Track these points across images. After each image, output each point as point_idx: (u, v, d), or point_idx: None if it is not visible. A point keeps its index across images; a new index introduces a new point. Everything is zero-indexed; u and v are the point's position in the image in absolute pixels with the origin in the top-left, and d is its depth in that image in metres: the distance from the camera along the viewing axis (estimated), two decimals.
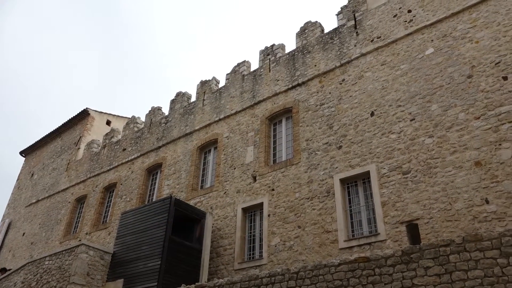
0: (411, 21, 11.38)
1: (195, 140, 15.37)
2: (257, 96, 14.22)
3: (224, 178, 13.36)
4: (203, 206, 13.20)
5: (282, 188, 11.58)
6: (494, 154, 8.38)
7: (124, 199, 16.45)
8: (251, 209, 12.21)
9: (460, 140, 8.97)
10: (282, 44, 14.96)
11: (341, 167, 10.67)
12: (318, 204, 10.57)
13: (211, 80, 16.74)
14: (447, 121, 9.36)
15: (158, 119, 17.87)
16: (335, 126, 11.42)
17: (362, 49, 12.04)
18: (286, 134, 12.95)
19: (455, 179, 8.66)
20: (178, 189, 14.62)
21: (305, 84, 13.01)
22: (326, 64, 12.76)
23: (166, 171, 15.60)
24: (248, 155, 13.14)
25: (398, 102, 10.45)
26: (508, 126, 8.45)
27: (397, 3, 11.99)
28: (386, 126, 10.36)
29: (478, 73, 9.42)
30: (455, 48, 10.09)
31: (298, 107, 12.71)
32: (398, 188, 9.39)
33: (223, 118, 14.89)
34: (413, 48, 10.94)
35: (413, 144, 9.65)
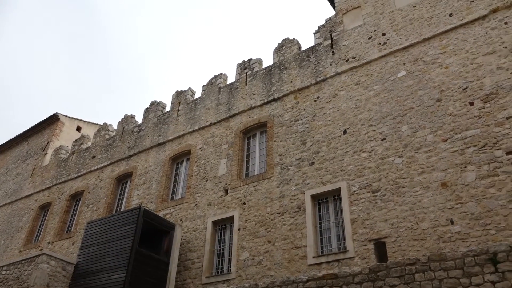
0: (385, 44, 11.74)
1: (168, 151, 15.18)
2: (233, 109, 14.24)
3: (195, 190, 13.21)
4: (172, 218, 12.97)
5: (254, 202, 11.54)
6: (459, 176, 8.66)
7: (91, 208, 15.97)
8: (221, 222, 12.10)
9: (428, 161, 9.23)
10: (260, 59, 15.11)
11: (313, 183, 10.75)
12: (289, 219, 10.58)
13: (187, 91, 16.66)
14: (416, 142, 9.63)
15: (131, 127, 17.57)
16: (308, 143, 11.54)
17: (337, 68, 12.31)
18: (259, 148, 12.98)
19: (422, 199, 8.88)
20: (148, 199, 14.33)
21: (281, 99, 13.13)
22: (302, 81, 12.95)
23: (136, 181, 15.29)
24: (221, 167, 13.07)
25: (370, 121, 10.69)
26: (473, 149, 8.77)
27: (372, 25, 12.37)
28: (358, 145, 10.55)
29: (446, 97, 9.77)
30: (426, 72, 10.46)
31: (273, 122, 12.80)
32: (368, 206, 9.53)
33: (198, 130, 14.79)
34: (386, 70, 11.27)
35: (383, 163, 9.86)
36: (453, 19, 10.79)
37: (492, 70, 9.43)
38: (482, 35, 10.07)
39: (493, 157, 8.46)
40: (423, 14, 11.46)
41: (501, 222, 7.76)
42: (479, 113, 9.10)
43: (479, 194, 8.25)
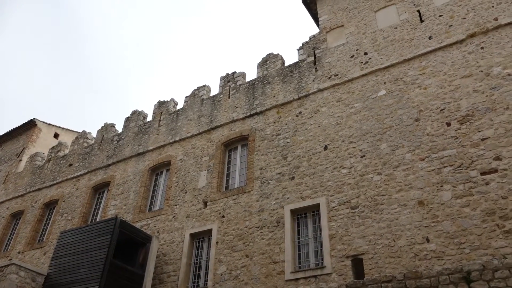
0: (366, 63, 11.99)
1: (147, 161, 14.99)
2: (215, 121, 14.22)
3: (174, 202, 13.04)
4: (149, 230, 12.75)
5: (233, 216, 11.46)
6: (436, 194, 8.82)
7: (65, 218, 15.56)
8: (199, 235, 11.95)
9: (405, 179, 9.38)
10: (243, 72, 15.21)
11: (293, 198, 10.77)
12: (267, 233, 10.54)
13: (169, 101, 16.57)
14: (395, 160, 9.79)
15: (111, 136, 17.31)
16: (289, 157, 11.59)
17: (320, 85, 12.48)
18: (240, 161, 12.95)
19: (399, 216, 8.98)
20: (125, 210, 14.06)
21: (263, 113, 13.20)
22: (285, 96, 13.07)
23: (113, 191, 15.00)
24: (200, 179, 12.97)
25: (351, 138, 10.82)
26: (449, 169, 8.97)
27: (355, 44, 12.63)
28: (338, 161, 10.65)
29: (424, 117, 10.01)
30: (405, 92, 10.71)
31: (255, 135, 12.82)
32: (346, 222, 9.58)
33: (179, 141, 14.69)
34: (367, 88, 11.49)
35: (362, 180, 9.97)
36: (432, 41, 11.13)
37: (469, 93, 9.73)
38: (460, 58, 10.40)
39: (468, 177, 8.66)
40: (403, 36, 11.78)
41: (475, 241, 7.91)
42: (455, 133, 9.34)
43: (455, 213, 8.41)
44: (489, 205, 8.13)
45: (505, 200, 8.02)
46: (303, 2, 15.04)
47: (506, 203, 7.98)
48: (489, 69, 9.78)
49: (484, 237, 7.86)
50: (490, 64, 9.85)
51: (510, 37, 9.98)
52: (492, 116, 9.10)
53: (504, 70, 9.56)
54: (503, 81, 9.43)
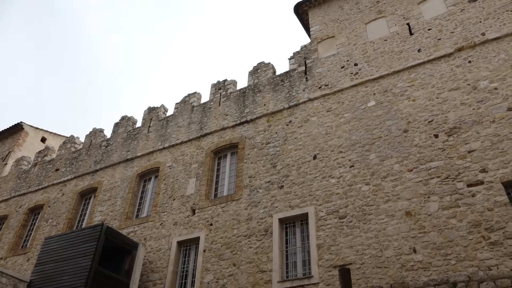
0: (356, 73, 12.11)
1: (136, 167, 14.86)
2: (205, 128, 14.19)
3: (162, 209, 12.92)
4: (136, 237, 12.59)
5: (221, 224, 11.39)
6: (423, 205, 8.89)
7: (50, 223, 15.30)
8: (186, 243, 11.83)
9: (393, 190, 9.44)
10: (234, 80, 15.24)
11: (281, 206, 10.75)
12: (255, 242, 10.48)
13: (159, 108, 16.51)
14: (383, 170, 9.85)
15: (99, 141, 17.15)
16: (278, 166, 11.60)
17: (310, 94, 12.55)
18: (230, 169, 12.91)
19: (387, 227, 9.02)
20: (112, 216, 13.89)
21: (253, 121, 13.21)
22: (275, 104, 13.11)
23: (100, 197, 14.82)
24: (189, 187, 12.88)
25: (340, 148, 10.88)
26: (436, 180, 9.05)
27: (345, 55, 12.76)
28: (327, 170, 10.68)
29: (413, 128, 10.11)
30: (394, 104, 10.83)
31: (244, 143, 12.82)
32: (334, 232, 9.59)
33: (168, 147, 14.60)
34: (357, 99, 11.59)
35: (350, 190, 10.00)
36: (421, 54, 11.30)
37: (456, 105, 9.87)
38: (448, 71, 10.57)
39: (455, 188, 8.75)
40: (393, 48, 11.94)
41: (461, 253, 7.97)
42: (443, 145, 9.45)
43: (441, 224, 8.47)
44: (475, 216, 8.21)
45: (490, 212, 8.11)
46: (295, 12, 15.19)
47: (491, 215, 8.07)
48: (476, 83, 9.95)
49: (470, 249, 7.92)
50: (477, 78, 10.02)
51: (496, 52, 10.19)
52: (478, 129, 9.23)
53: (490, 84, 9.74)
54: (489, 94, 9.60)
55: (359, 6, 13.80)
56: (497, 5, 10.95)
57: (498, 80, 9.69)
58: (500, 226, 7.87)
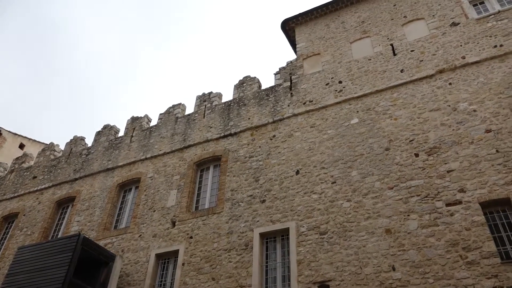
0: (340, 91, 12.29)
1: (116, 177, 14.62)
2: (188, 140, 14.11)
3: (141, 220, 12.70)
4: (114, 248, 12.32)
5: (201, 237, 11.25)
6: (403, 223, 8.97)
7: (25, 232, 14.85)
8: (165, 255, 11.63)
9: (374, 207, 9.51)
10: (220, 93, 15.27)
11: (262, 221, 10.70)
12: (235, 256, 10.38)
13: (142, 117, 16.37)
14: (364, 187, 9.94)
15: (79, 149, 16.85)
16: (261, 180, 11.58)
17: (295, 110, 12.65)
18: (212, 181, 12.82)
19: (367, 244, 9.05)
20: (89, 227, 13.57)
21: (237, 135, 13.21)
22: (260, 118, 13.16)
23: (78, 206, 14.49)
24: (170, 198, 12.73)
25: (322, 164, 10.95)
26: (416, 199, 9.17)
27: (330, 73, 12.96)
28: (309, 186, 10.71)
29: (394, 147, 10.27)
30: (377, 122, 10.99)
31: (228, 156, 12.78)
32: (315, 248, 9.57)
33: (150, 158, 14.44)
34: (341, 116, 11.73)
35: (332, 206, 10.04)
36: (404, 75, 11.56)
37: (436, 126, 10.08)
38: (429, 92, 10.82)
39: (434, 207, 8.88)
40: (377, 68, 12.19)
41: (439, 271, 8.04)
42: (423, 164, 9.61)
43: (420, 242, 8.55)
44: (453, 236, 8.32)
45: (468, 231, 8.24)
46: (282, 29, 15.39)
47: (469, 234, 8.20)
48: (456, 104, 10.21)
49: (448, 268, 8.01)
50: (457, 100, 10.28)
51: (476, 75, 10.50)
52: (457, 150, 9.43)
53: (469, 106, 10.00)
54: (468, 116, 9.85)
55: (344, 25, 14.09)
56: (477, 30, 11.33)
57: (477, 103, 9.96)
58: (477, 245, 8.00)
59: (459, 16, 11.95)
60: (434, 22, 12.25)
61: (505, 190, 8.40)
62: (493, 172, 8.75)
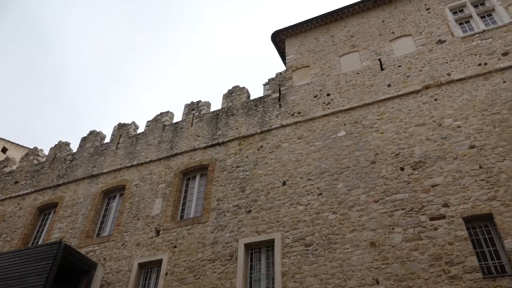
0: (328, 103, 12.40)
1: (101, 184, 14.42)
2: (175, 148, 14.02)
3: (125, 228, 12.51)
4: (95, 257, 12.09)
5: (185, 246, 11.13)
6: (387, 237, 9.02)
7: (4, 239, 14.49)
8: (148, 265, 11.45)
9: (359, 219, 9.55)
10: (208, 102, 15.25)
11: (248, 231, 10.64)
12: (219, 267, 10.27)
13: (130, 124, 16.24)
14: (350, 200, 9.98)
15: (64, 155, 16.60)
16: (247, 190, 11.54)
17: (283, 121, 12.71)
18: (198, 191, 12.73)
19: (351, 256, 9.06)
20: (71, 234, 13.31)
21: (225, 144, 13.19)
22: (248, 128, 13.17)
23: (61, 213, 14.22)
24: (155, 207, 12.58)
25: (309, 175, 10.97)
26: (401, 212, 9.24)
27: (319, 85, 13.08)
28: (295, 197, 10.72)
29: (380, 160, 10.36)
30: (363, 135, 11.10)
31: (215, 165, 12.73)
32: (299, 259, 9.54)
33: (136, 165, 14.30)
34: (328, 128, 11.81)
35: (318, 218, 10.04)
36: (390, 89, 11.73)
37: (422, 140, 10.22)
38: (415, 107, 10.99)
39: (418, 221, 8.95)
40: (365, 82, 12.34)
41: (422, 286, 8.07)
42: (408, 178, 9.71)
43: (404, 256, 8.59)
44: (436, 250, 8.39)
45: (451, 246, 8.31)
46: (272, 40, 15.52)
47: (452, 249, 8.27)
48: (441, 120, 10.38)
49: (431, 282, 8.05)
50: (442, 116, 10.46)
51: (460, 92, 10.70)
52: (442, 164, 9.56)
53: (454, 122, 10.17)
54: (453, 132, 10.01)
55: (334, 39, 14.27)
56: (462, 48, 11.59)
57: (462, 119, 10.14)
58: (460, 260, 8.07)
59: (445, 34, 12.22)
60: (421, 39, 12.50)
61: (487, 206, 8.53)
62: (476, 187, 8.88)
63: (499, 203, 8.44)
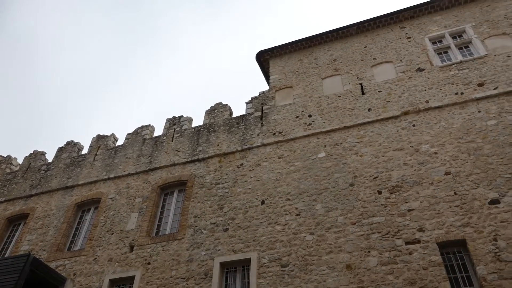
0: (310, 124, 12.53)
1: (75, 196, 14.06)
2: (154, 162, 13.85)
3: (97, 243, 12.17)
4: (65, 271, 11.68)
5: (159, 263, 10.88)
6: (363, 260, 9.03)
7: None
8: (120, 281, 11.12)
9: (336, 241, 9.56)
10: (190, 117, 15.21)
11: (224, 250, 10.50)
12: (193, 286, 10.06)
13: (109, 136, 15.99)
14: (328, 221, 10.00)
15: (38, 164, 16.17)
16: (225, 208, 11.44)
17: (264, 140, 12.75)
18: (175, 206, 12.55)
19: (327, 278, 9.02)
20: (41, 247, 12.86)
21: (205, 160, 13.11)
22: (229, 146, 13.15)
23: (31, 224, 13.75)
24: (130, 221, 12.31)
25: (288, 195, 10.97)
26: (377, 235, 9.30)
27: (301, 106, 13.23)
28: (273, 217, 10.67)
29: (359, 183, 10.46)
30: (343, 157, 11.22)
31: (193, 181, 12.60)
32: (275, 280, 9.44)
33: (113, 178, 14.03)
34: (308, 149, 11.90)
35: (295, 239, 10.00)
36: (371, 113, 11.95)
37: (400, 165, 10.39)
38: (394, 132, 11.21)
39: (393, 245, 9.01)
40: (346, 105, 12.56)
41: None
42: (385, 202, 9.81)
43: (379, 279, 8.61)
44: (411, 274, 8.44)
45: (425, 271, 8.38)
46: (257, 60, 15.70)
47: (426, 274, 8.33)
48: (419, 146, 10.60)
49: None
50: (420, 141, 10.69)
51: (438, 119, 10.99)
52: (418, 189, 9.72)
53: (431, 148, 10.40)
54: (430, 158, 10.22)
55: (317, 62, 14.54)
56: (440, 77, 11.96)
57: (438, 146, 10.38)
58: (433, 285, 8.13)
59: (424, 63, 12.61)
60: (401, 66, 12.86)
61: (461, 232, 8.67)
62: (450, 213, 9.03)
63: (472, 230, 8.59)
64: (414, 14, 14.21)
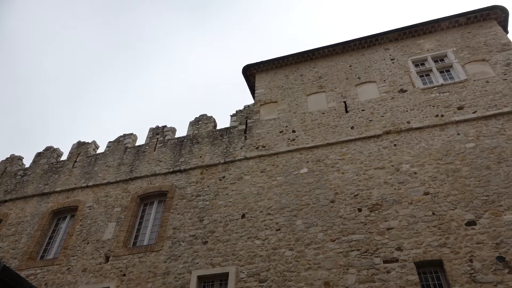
0: (293, 140, 12.59)
1: (51, 203, 13.71)
2: (135, 171, 13.66)
3: (72, 252, 11.85)
4: (36, 281, 11.30)
5: (135, 275, 10.64)
6: (341, 277, 9.03)
7: None
8: None
9: (315, 258, 9.54)
10: (174, 128, 15.12)
11: (202, 263, 10.35)
12: None
13: (90, 144, 15.74)
14: (307, 238, 9.99)
15: (15, 169, 15.76)
16: (205, 220, 11.32)
17: (247, 153, 12.74)
18: (154, 217, 12.35)
19: None
20: (12, 254, 12.45)
21: (187, 172, 13.00)
22: (211, 158, 13.09)
23: (3, 231, 13.32)
24: (107, 231, 12.05)
25: (269, 210, 10.94)
26: (356, 253, 9.32)
27: (285, 121, 13.31)
28: (253, 231, 10.61)
29: (339, 200, 10.52)
30: (325, 174, 11.28)
31: (174, 192, 12.46)
32: None
33: (91, 186, 13.76)
34: (291, 164, 11.94)
35: (274, 254, 9.94)
36: (353, 131, 12.10)
37: (380, 183, 10.51)
38: (375, 151, 11.35)
39: (372, 263, 9.04)
40: (329, 122, 12.69)
41: None
42: (365, 220, 9.87)
43: None
44: None
45: None
46: (243, 73, 15.79)
47: None
48: (399, 165, 10.75)
49: None
50: (400, 161, 10.85)
51: (418, 140, 11.20)
52: (397, 208, 9.82)
53: (411, 168, 10.56)
54: (409, 177, 10.37)
55: (303, 78, 14.71)
56: (421, 99, 12.23)
57: (418, 166, 10.55)
58: None
59: (407, 84, 12.89)
60: (385, 87, 13.11)
61: (438, 252, 8.76)
62: (428, 233, 9.14)
63: (449, 250, 8.70)
64: (399, 36, 14.57)
